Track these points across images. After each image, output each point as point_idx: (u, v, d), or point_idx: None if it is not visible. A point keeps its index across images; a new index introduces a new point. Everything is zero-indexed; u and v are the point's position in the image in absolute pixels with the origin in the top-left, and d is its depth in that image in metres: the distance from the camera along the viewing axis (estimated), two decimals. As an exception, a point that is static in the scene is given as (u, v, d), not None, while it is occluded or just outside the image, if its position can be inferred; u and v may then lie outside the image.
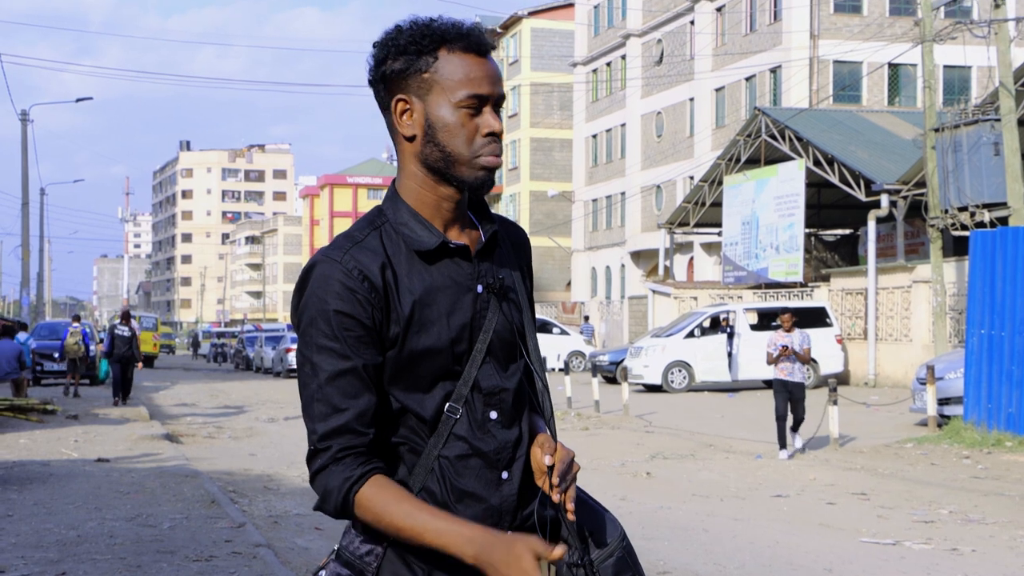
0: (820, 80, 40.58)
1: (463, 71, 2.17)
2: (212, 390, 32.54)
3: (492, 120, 2.18)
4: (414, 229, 2.19)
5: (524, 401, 2.28)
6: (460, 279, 2.20)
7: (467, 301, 2.20)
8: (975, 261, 16.43)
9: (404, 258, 2.18)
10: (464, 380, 2.18)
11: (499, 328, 2.23)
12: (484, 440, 2.18)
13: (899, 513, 10.66)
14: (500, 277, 2.25)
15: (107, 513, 9.88)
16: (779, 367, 14.98)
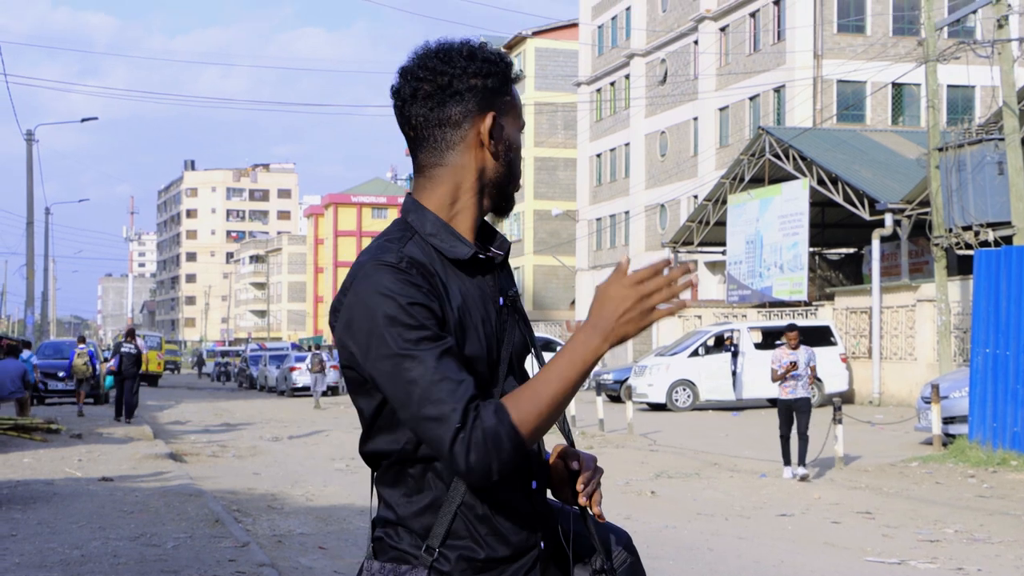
0: (824, 99, 40.65)
1: (519, 102, 2.32)
2: (216, 409, 32.52)
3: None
4: (446, 239, 2.21)
5: None
6: (486, 290, 2.24)
7: (492, 312, 2.24)
8: (979, 280, 16.42)
9: (440, 266, 2.19)
10: (494, 394, 2.19)
11: (516, 341, 2.27)
12: None
13: (904, 532, 10.63)
14: (514, 291, 2.31)
15: (111, 532, 9.87)
16: (782, 385, 14.66)
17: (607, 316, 2.09)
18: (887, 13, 41.47)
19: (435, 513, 2.16)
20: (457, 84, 2.22)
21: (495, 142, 2.24)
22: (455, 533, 2.16)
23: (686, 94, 48.23)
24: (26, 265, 45.92)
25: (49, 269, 61.04)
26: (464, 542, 2.16)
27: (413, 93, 2.23)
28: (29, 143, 43.81)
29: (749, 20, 44.33)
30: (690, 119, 48.18)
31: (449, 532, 2.16)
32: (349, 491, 13.60)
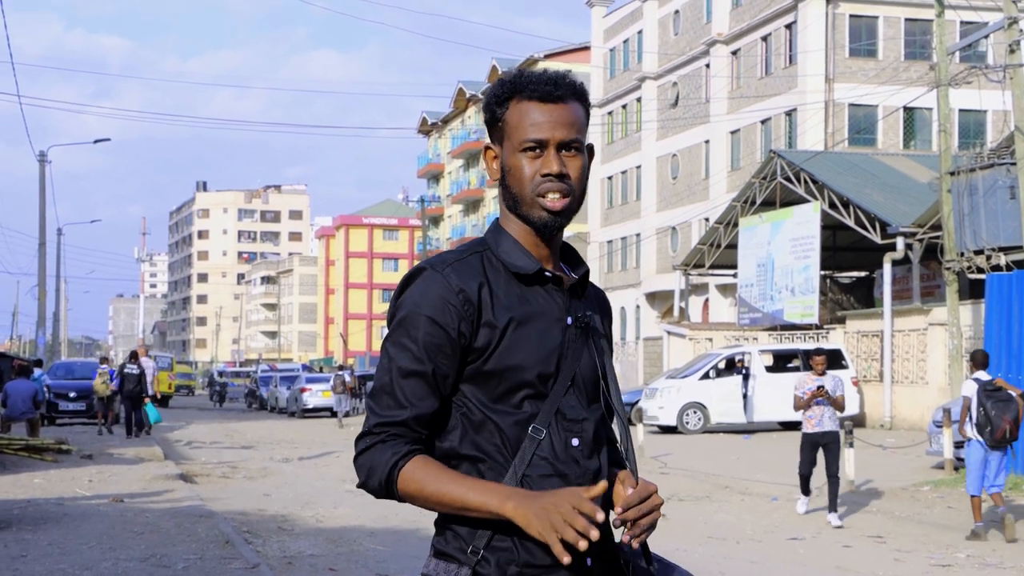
0: (835, 123, 40.69)
1: (526, 118, 2.33)
2: (227, 430, 32.55)
3: (551, 161, 2.31)
4: (514, 255, 2.34)
5: (603, 436, 2.39)
6: (553, 307, 2.34)
7: (557, 329, 2.33)
8: (991, 304, 16.41)
9: (503, 280, 2.32)
10: (550, 404, 2.28)
11: (584, 362, 2.36)
12: (567, 464, 2.28)
13: (916, 557, 10.60)
14: (588, 315, 2.38)
15: (121, 553, 9.88)
16: (807, 417, 12.92)
17: (538, 503, 2.14)
18: (899, 37, 41.53)
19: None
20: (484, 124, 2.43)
21: (495, 172, 2.39)
22: (499, 537, 2.24)
23: (698, 117, 48.31)
24: (38, 285, 46.08)
25: (61, 289, 61.22)
26: (506, 545, 2.23)
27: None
28: (42, 164, 44.03)
29: (761, 44, 44.43)
30: (702, 142, 48.24)
31: (493, 536, 2.24)
32: (360, 513, 13.59)
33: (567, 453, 2.28)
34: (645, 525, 2.24)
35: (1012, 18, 20.19)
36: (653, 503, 2.26)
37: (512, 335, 2.27)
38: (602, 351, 2.41)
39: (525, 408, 2.28)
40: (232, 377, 72.32)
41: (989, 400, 11.62)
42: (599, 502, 2.21)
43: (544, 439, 2.26)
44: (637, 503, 2.24)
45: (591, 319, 2.39)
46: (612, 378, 2.41)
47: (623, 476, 2.33)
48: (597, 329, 2.42)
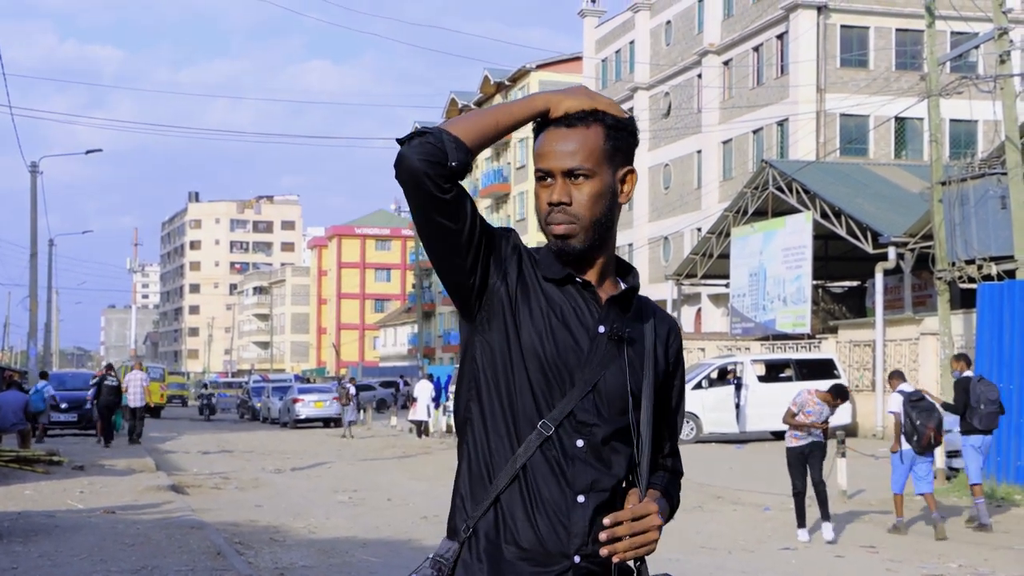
0: (827, 133, 40.79)
1: (541, 147, 2.43)
2: (219, 441, 32.48)
3: (552, 191, 2.40)
4: (547, 263, 2.43)
5: (622, 449, 2.40)
6: (584, 312, 2.41)
7: (585, 335, 2.38)
8: (983, 314, 16.45)
9: (539, 275, 2.43)
10: (563, 405, 2.34)
11: (611, 373, 2.39)
12: (566, 461, 2.33)
13: (908, 567, 10.60)
14: (626, 330, 2.41)
15: (112, 565, 9.86)
16: (791, 434, 12.48)
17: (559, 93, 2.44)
18: (890, 48, 41.67)
19: (482, 491, 2.36)
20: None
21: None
22: (491, 516, 2.34)
23: (690, 127, 48.41)
24: (29, 296, 45.98)
25: (52, 300, 61.10)
26: (499, 526, 2.33)
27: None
28: (33, 175, 43.98)
29: (752, 54, 44.55)
30: (694, 152, 48.33)
31: (485, 514, 2.34)
32: (352, 524, 13.57)
33: (569, 452, 2.33)
34: (636, 544, 2.30)
35: (1002, 29, 20.26)
36: (646, 524, 2.31)
37: (531, 315, 2.37)
38: (640, 369, 2.43)
39: (539, 403, 2.34)
40: (224, 388, 72.14)
41: (914, 410, 12.50)
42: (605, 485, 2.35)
43: (551, 435, 2.33)
44: (628, 519, 2.30)
45: (628, 334, 2.41)
46: (648, 397, 2.43)
47: (630, 493, 2.38)
48: (637, 346, 2.43)
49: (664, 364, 2.51)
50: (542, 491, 2.32)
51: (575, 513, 2.32)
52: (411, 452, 27.14)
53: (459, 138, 2.29)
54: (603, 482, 2.35)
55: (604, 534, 2.28)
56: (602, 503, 2.34)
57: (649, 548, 2.33)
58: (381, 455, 26.49)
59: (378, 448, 29.20)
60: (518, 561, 2.31)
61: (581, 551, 2.31)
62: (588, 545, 2.31)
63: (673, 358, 2.54)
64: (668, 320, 2.56)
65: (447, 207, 2.29)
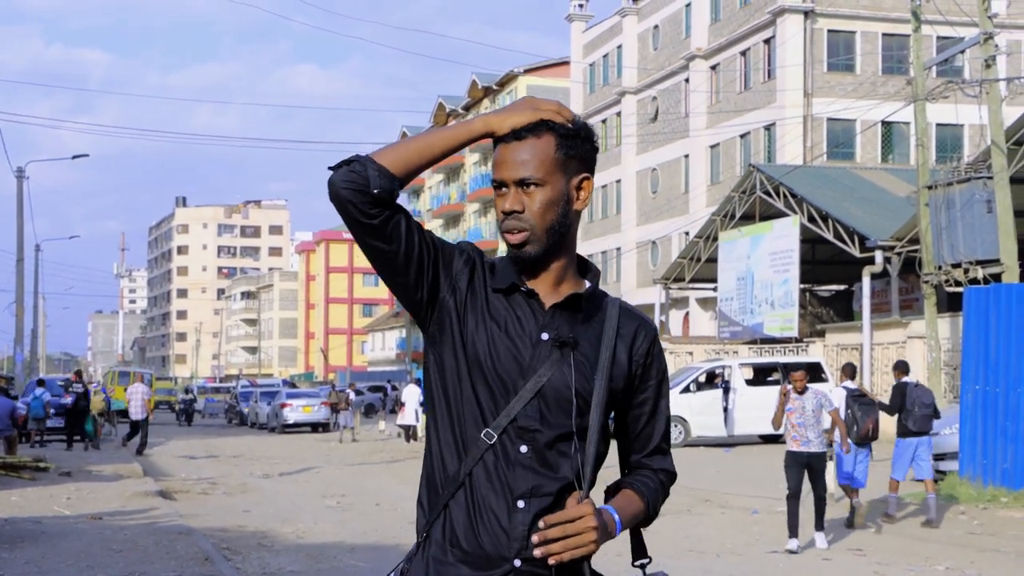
0: (814, 137, 40.89)
1: (496, 158, 2.51)
2: (207, 446, 32.42)
3: (506, 200, 2.47)
4: (501, 273, 2.50)
5: (567, 449, 2.44)
6: (528, 320, 2.46)
7: (528, 342, 2.44)
8: (969, 317, 16.50)
9: (488, 289, 2.50)
10: (506, 413, 2.40)
11: (555, 379, 2.43)
12: (508, 467, 2.40)
13: (895, 569, 10.63)
14: (571, 335, 2.44)
15: (99, 572, 9.83)
16: (792, 436, 12.18)
17: (498, 113, 2.49)
18: (876, 52, 41.80)
19: (435, 498, 2.46)
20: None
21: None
22: (440, 523, 2.44)
23: (677, 132, 48.49)
24: (15, 302, 45.85)
25: (39, 306, 60.89)
26: (445, 531, 2.43)
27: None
28: (20, 180, 43.86)
29: (740, 59, 44.65)
30: (681, 156, 48.41)
31: (435, 520, 2.44)
32: (340, 529, 13.56)
33: (512, 458, 2.39)
34: (571, 545, 2.33)
35: (988, 33, 20.35)
36: (580, 526, 2.34)
37: (476, 327, 2.44)
38: (590, 372, 2.45)
39: (484, 412, 2.41)
40: (212, 393, 71.92)
41: (856, 404, 13.94)
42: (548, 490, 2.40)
43: (495, 443, 2.40)
44: (561, 521, 2.34)
45: (574, 338, 2.44)
46: (599, 401, 2.45)
47: (571, 496, 2.41)
48: (583, 350, 2.46)
49: (628, 364, 2.53)
50: (486, 498, 2.39)
51: (515, 518, 2.37)
52: (400, 457, 27.13)
53: (384, 167, 2.38)
54: (546, 487, 2.40)
55: (536, 536, 2.34)
56: (544, 508, 2.38)
57: (586, 549, 2.35)
58: (369, 460, 26.46)
59: (366, 453, 29.17)
60: (459, 564, 2.39)
61: (521, 555, 2.37)
62: (527, 549, 2.36)
63: (641, 358, 2.55)
64: (638, 319, 2.58)
65: (375, 231, 2.39)
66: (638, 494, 2.58)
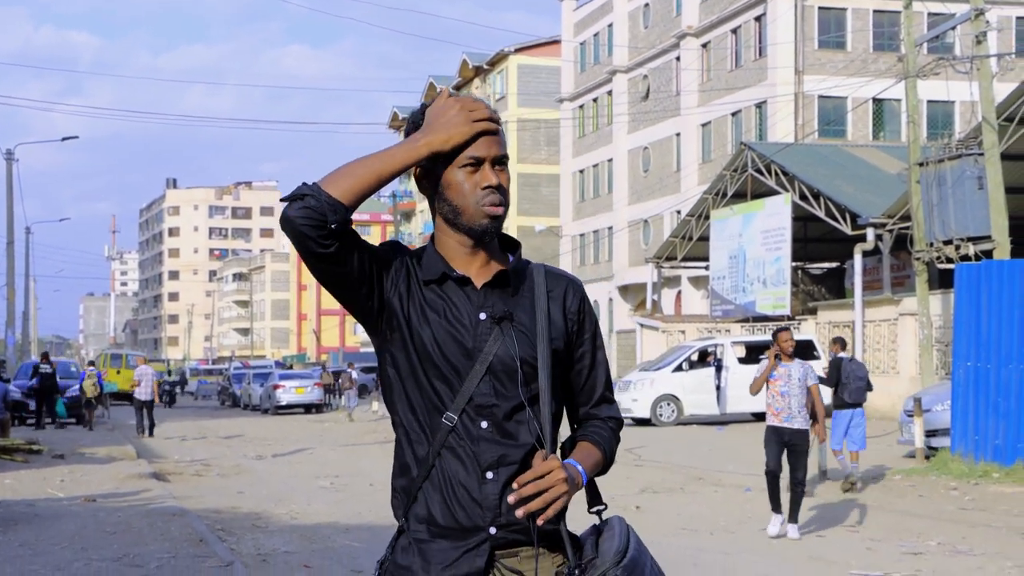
0: (805, 115, 40.86)
1: (465, 140, 2.58)
2: (200, 428, 32.42)
3: (487, 176, 2.58)
4: (429, 264, 2.61)
5: (523, 417, 2.56)
6: (464, 304, 2.58)
7: (468, 325, 2.56)
8: (960, 294, 16.52)
9: (419, 281, 2.61)
10: (461, 394, 2.54)
11: (500, 353, 2.55)
12: (472, 444, 2.53)
13: (887, 545, 10.67)
14: (506, 309, 2.58)
15: (93, 553, 9.83)
16: (772, 409, 11.16)
17: (437, 121, 2.55)
18: (867, 29, 41.74)
19: (409, 483, 2.58)
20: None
21: (424, 186, 2.64)
22: (416, 505, 2.56)
23: (668, 110, 48.41)
24: (7, 285, 45.76)
25: (30, 289, 60.77)
26: (422, 512, 2.55)
27: None
28: (9, 162, 43.72)
29: (731, 36, 44.55)
30: (672, 135, 48.34)
31: (412, 503, 2.57)
32: (334, 509, 13.57)
33: (475, 435, 2.52)
34: (547, 499, 2.44)
35: (979, 10, 20.32)
36: (551, 479, 2.46)
37: (419, 321, 2.56)
38: (531, 339, 2.58)
39: (442, 396, 2.54)
40: (205, 375, 71.92)
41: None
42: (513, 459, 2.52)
43: (456, 425, 2.53)
44: (533, 479, 2.45)
45: (509, 311, 2.58)
46: (544, 364, 2.58)
47: (536, 455, 2.52)
48: (521, 321, 2.59)
49: (563, 323, 2.66)
50: (456, 474, 2.52)
51: (485, 489, 2.51)
52: (393, 437, 27.13)
53: (338, 200, 2.44)
54: (511, 455, 2.53)
55: (512, 497, 2.46)
56: (512, 475, 2.52)
57: (561, 501, 2.47)
58: (363, 440, 26.48)
59: (360, 433, 29.19)
60: (438, 539, 2.52)
61: (496, 523, 2.51)
62: (502, 516, 2.50)
63: (574, 315, 2.68)
64: (565, 279, 2.71)
65: (330, 258, 2.49)
66: (594, 445, 2.69)
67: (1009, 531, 11.53)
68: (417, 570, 2.53)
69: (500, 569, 2.54)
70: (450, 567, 2.51)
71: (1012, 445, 15.36)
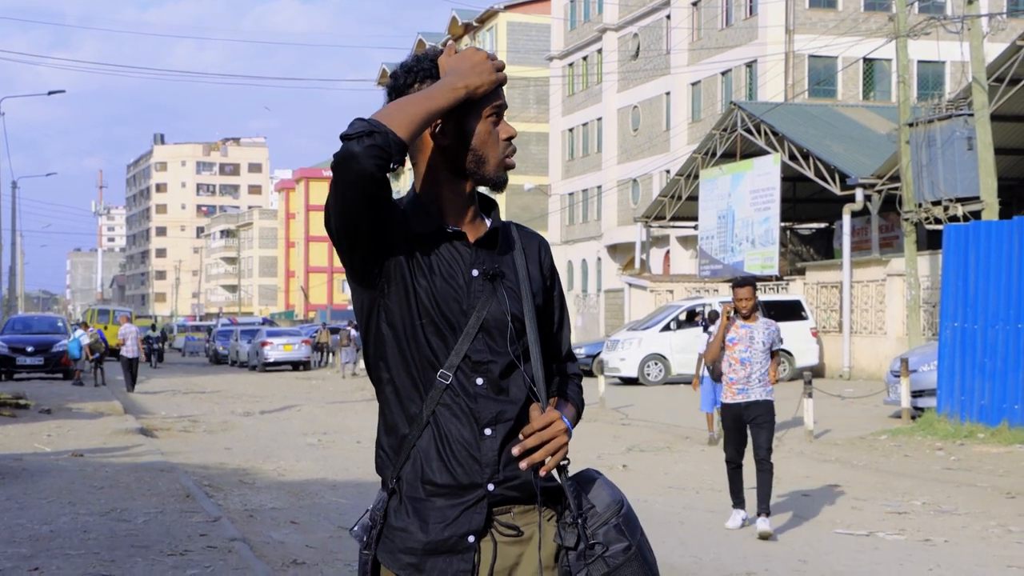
0: (795, 75, 40.71)
1: (487, 89, 2.57)
2: (187, 384, 32.43)
3: (506, 127, 2.59)
4: (418, 215, 2.57)
5: (519, 375, 2.58)
6: (458, 259, 2.56)
7: (462, 281, 2.55)
8: (948, 255, 16.53)
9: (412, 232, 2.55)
10: (456, 351, 2.52)
11: (493, 310, 2.56)
12: (469, 400, 2.52)
13: (873, 505, 10.73)
14: (496, 266, 2.58)
15: (81, 508, 9.84)
16: (728, 380, 9.32)
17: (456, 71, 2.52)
18: (859, -12, 41.51)
19: (401, 442, 2.55)
20: (405, 91, 2.59)
21: (443, 136, 2.55)
22: (410, 464, 2.53)
23: (658, 69, 48.20)
24: (-6, 239, 45.52)
25: (17, 243, 60.53)
26: (413, 471, 2.52)
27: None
28: (-4, 116, 43.36)
29: (721, -6, 44.27)
30: (662, 94, 48.16)
31: (405, 462, 2.54)
32: (321, 466, 13.60)
33: (471, 392, 2.52)
34: (551, 450, 2.48)
35: (971, -31, 20.20)
36: (553, 430, 2.50)
37: (420, 273, 2.52)
38: (520, 298, 2.60)
39: (437, 357, 2.51)
40: (193, 331, 71.83)
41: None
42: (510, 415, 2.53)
43: (451, 382, 2.51)
44: (535, 430, 2.49)
45: (499, 268, 2.59)
46: (531, 320, 2.60)
47: (532, 408, 2.54)
48: (509, 277, 2.60)
49: (540, 279, 2.69)
50: (452, 432, 2.51)
51: (484, 445, 2.50)
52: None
53: (403, 141, 2.38)
54: (507, 412, 2.54)
55: (516, 449, 2.48)
56: (509, 430, 2.52)
57: (562, 451, 2.51)
58: (350, 398, 26.51)
59: (347, 390, 29.23)
60: (434, 498, 2.50)
61: (494, 479, 2.51)
62: (499, 472, 2.50)
63: (548, 272, 2.73)
64: (536, 237, 2.74)
65: (380, 203, 2.43)
66: (568, 400, 2.76)
67: (994, 491, 11.60)
68: (415, 531, 2.50)
69: (496, 526, 2.53)
70: (450, 525, 2.49)
71: (998, 405, 15.42)
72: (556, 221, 57.71)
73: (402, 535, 2.51)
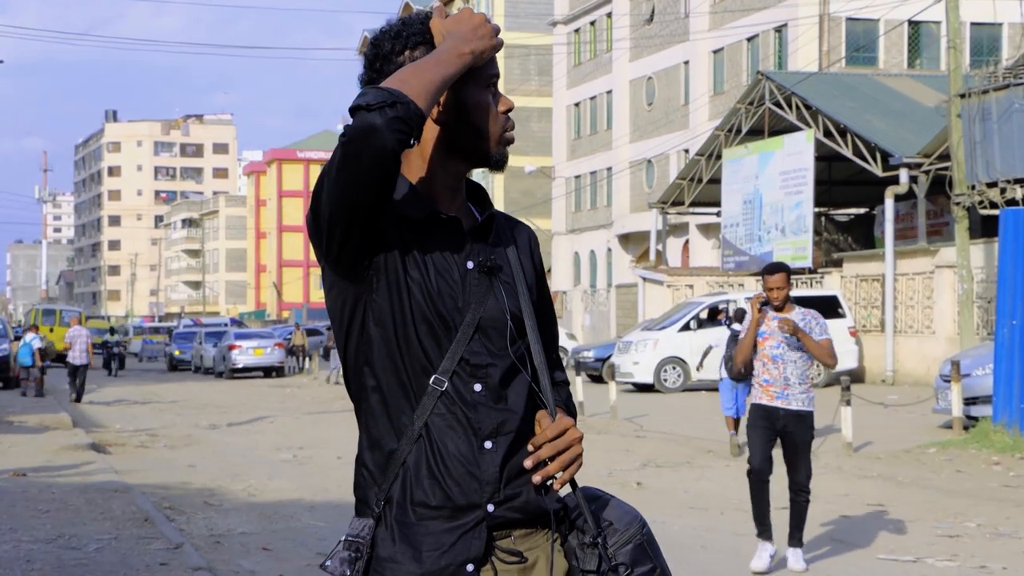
0: (831, 40, 40.68)
1: (482, 58, 2.56)
2: (145, 393, 32.44)
3: (506, 98, 2.59)
4: (407, 200, 2.52)
5: (519, 381, 2.56)
6: (451, 250, 2.53)
7: (456, 274, 2.52)
8: (1006, 243, 16.51)
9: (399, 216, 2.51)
10: (451, 354, 2.49)
11: (490, 307, 2.54)
12: (468, 410, 2.48)
13: (921, 527, 10.72)
14: (492, 258, 2.56)
15: (23, 534, 9.83)
16: (759, 380, 8.85)
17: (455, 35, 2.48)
18: (902, -58, 41.51)
19: (388, 459, 2.49)
20: (387, 68, 2.55)
21: (441, 110, 2.53)
22: (399, 483, 2.48)
23: (676, 35, 48.18)
24: (-75, 231, 45.53)
25: (-48, 235, 60.55)
26: (402, 491, 2.47)
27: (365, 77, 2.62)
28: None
29: (747, -50, 44.28)
30: (680, 63, 48.15)
31: (394, 482, 2.48)
32: (297, 484, 13.60)
33: (468, 400, 2.48)
34: (566, 461, 2.50)
35: (1030, -80, 20.19)
36: (569, 439, 2.51)
37: (412, 265, 2.48)
38: (517, 294, 2.59)
39: (427, 347, 2.47)
40: (151, 333, 71.85)
41: (734, 344, 14.40)
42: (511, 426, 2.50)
43: (446, 389, 2.47)
44: (548, 440, 2.50)
45: (495, 261, 2.57)
46: (530, 318, 2.59)
47: (539, 416, 2.54)
48: (505, 270, 2.59)
49: (533, 273, 2.70)
50: (447, 446, 2.46)
51: (483, 460, 2.47)
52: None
53: (423, 113, 2.36)
54: (509, 422, 2.51)
55: (529, 461, 2.48)
56: (511, 444, 2.50)
57: (578, 463, 2.52)
58: (329, 408, 26.52)
59: (326, 400, 29.24)
60: (426, 521, 2.45)
61: (494, 499, 2.47)
62: (500, 491, 2.47)
63: (539, 264, 2.73)
64: (524, 227, 2.74)
65: (391, 184, 2.40)
66: (563, 409, 2.69)
67: (1057, 510, 11.59)
68: (406, 561, 2.44)
69: (497, 552, 2.50)
70: (446, 553, 2.44)
71: (1061, 414, 15.40)
72: (561, 207, 57.73)
73: (392, 567, 2.45)
